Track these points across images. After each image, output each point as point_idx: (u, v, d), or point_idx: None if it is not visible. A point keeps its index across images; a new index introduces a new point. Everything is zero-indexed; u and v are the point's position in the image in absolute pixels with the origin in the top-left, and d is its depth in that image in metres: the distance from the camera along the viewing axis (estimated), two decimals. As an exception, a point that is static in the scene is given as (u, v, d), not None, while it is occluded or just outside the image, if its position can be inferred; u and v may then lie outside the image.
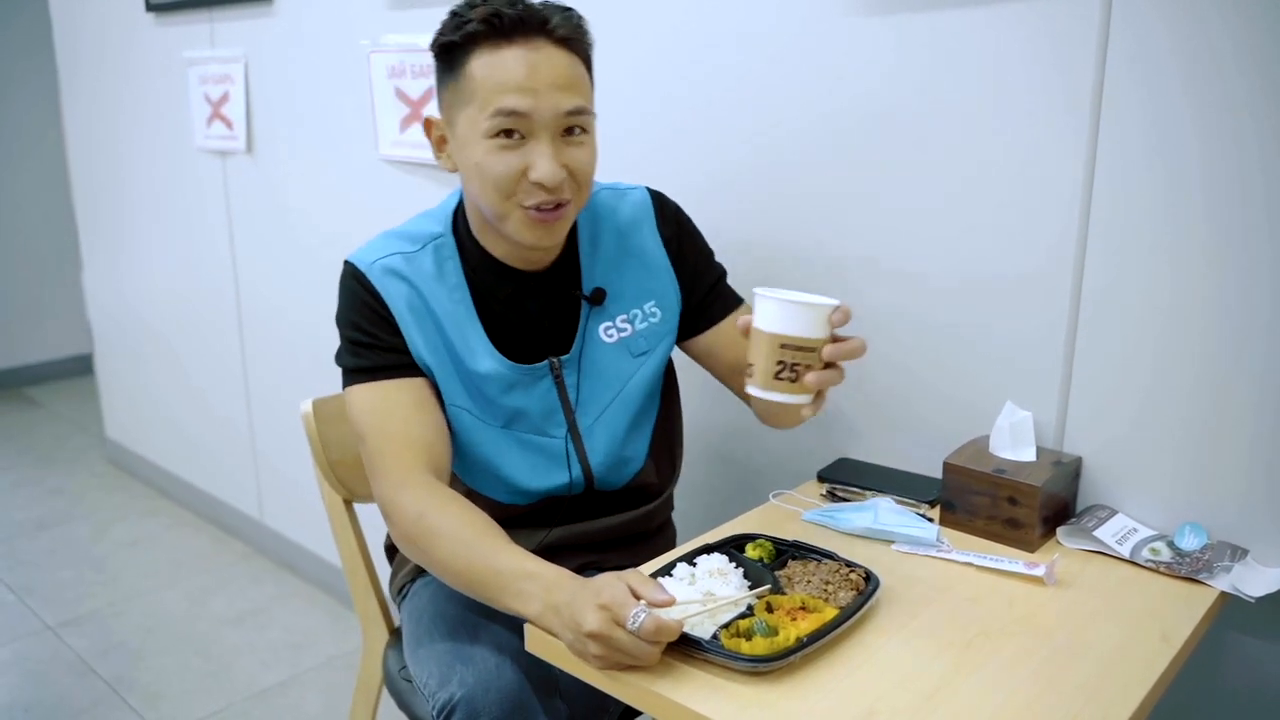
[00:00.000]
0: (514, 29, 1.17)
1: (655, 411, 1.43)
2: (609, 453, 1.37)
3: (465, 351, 1.29)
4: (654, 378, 1.39)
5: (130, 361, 3.50)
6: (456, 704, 1.16)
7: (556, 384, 1.33)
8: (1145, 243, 1.21)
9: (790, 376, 1.05)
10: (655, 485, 1.45)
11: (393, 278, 1.28)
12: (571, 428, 1.35)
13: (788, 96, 1.50)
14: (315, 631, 2.58)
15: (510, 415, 1.33)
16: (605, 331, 1.36)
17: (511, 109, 1.17)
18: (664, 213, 1.40)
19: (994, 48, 1.29)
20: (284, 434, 2.77)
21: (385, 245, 1.31)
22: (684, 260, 1.40)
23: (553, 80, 1.18)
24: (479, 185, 1.22)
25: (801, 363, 1.05)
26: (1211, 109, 1.14)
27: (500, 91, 1.17)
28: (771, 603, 1.06)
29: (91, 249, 3.59)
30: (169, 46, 2.81)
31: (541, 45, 1.18)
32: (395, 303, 1.27)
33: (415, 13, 2.04)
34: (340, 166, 2.35)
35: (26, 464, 3.78)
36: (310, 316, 2.55)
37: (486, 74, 1.17)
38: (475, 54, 1.18)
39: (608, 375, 1.36)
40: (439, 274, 1.30)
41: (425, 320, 1.28)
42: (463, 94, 1.20)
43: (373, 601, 1.58)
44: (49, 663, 2.44)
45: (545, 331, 1.33)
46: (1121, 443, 1.28)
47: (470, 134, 1.20)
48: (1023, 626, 1.06)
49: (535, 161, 1.18)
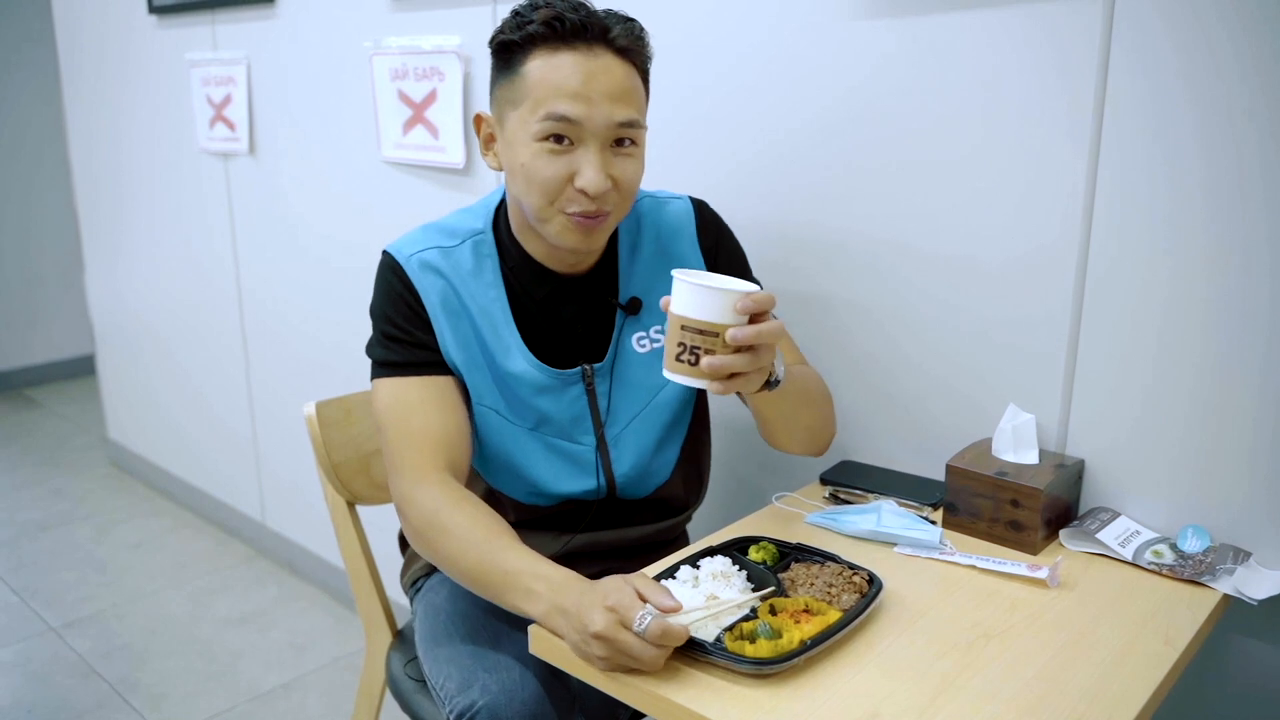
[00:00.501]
0: (575, 34, 1.16)
1: (685, 425, 1.42)
2: (634, 464, 1.36)
3: (499, 350, 1.29)
4: (685, 391, 1.38)
5: (132, 363, 3.51)
6: (478, 711, 1.15)
7: (588, 391, 1.33)
8: (1147, 246, 1.22)
9: (690, 359, 1.05)
10: (681, 500, 1.44)
11: (429, 272, 1.27)
12: (599, 436, 1.34)
13: (793, 97, 1.50)
14: (318, 633, 2.58)
15: (539, 418, 1.32)
16: (638, 341, 1.35)
17: (563, 114, 1.16)
18: (705, 224, 1.39)
19: (997, 49, 1.29)
20: (286, 436, 2.77)
21: (424, 238, 1.30)
22: (723, 273, 1.38)
23: (608, 90, 1.17)
24: (524, 186, 1.21)
25: (702, 346, 1.04)
26: (1213, 110, 1.14)
27: (554, 96, 1.16)
28: (775, 605, 1.06)
29: (93, 250, 3.60)
30: (171, 48, 2.82)
31: (601, 53, 1.17)
32: (429, 297, 1.27)
33: (417, 15, 2.04)
34: (342, 168, 2.35)
35: (29, 465, 3.78)
36: (312, 318, 2.55)
37: (541, 76, 1.17)
38: (533, 55, 1.18)
39: (639, 386, 1.35)
40: (477, 270, 1.30)
41: (459, 317, 1.28)
42: (516, 94, 1.19)
43: (376, 603, 1.58)
44: (52, 664, 2.45)
45: (579, 337, 1.33)
46: (1124, 445, 1.28)
47: (519, 134, 1.19)
48: (1025, 629, 1.06)
49: (582, 169, 1.17)
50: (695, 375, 1.05)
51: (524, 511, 1.38)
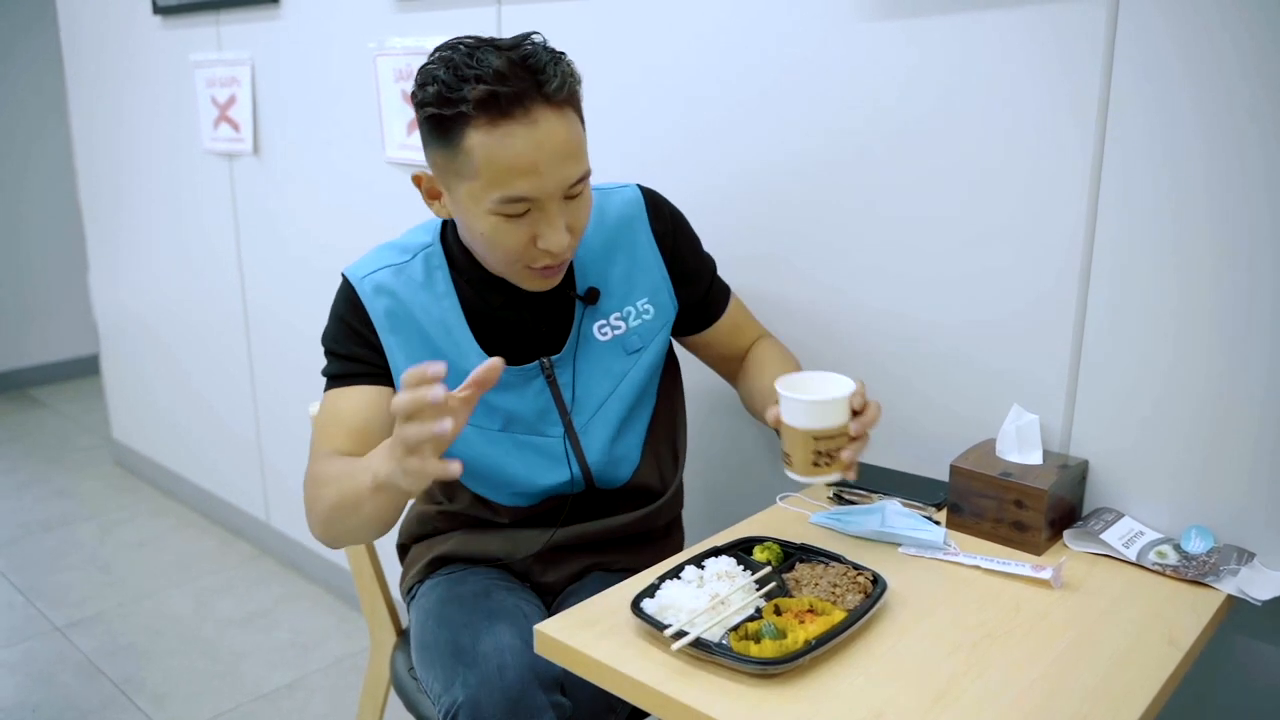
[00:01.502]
0: (511, 104, 1.12)
1: (649, 407, 1.43)
2: (605, 450, 1.38)
3: (455, 357, 1.31)
4: (649, 374, 1.40)
5: (136, 363, 3.51)
6: (460, 707, 1.17)
7: (549, 384, 1.34)
8: (1151, 246, 1.22)
9: (826, 461, 1.15)
10: (658, 483, 1.45)
11: (382, 294, 1.31)
12: (568, 426, 1.36)
13: (798, 102, 1.50)
14: (322, 633, 2.59)
15: (506, 418, 1.34)
16: (599, 330, 1.37)
17: (520, 196, 1.15)
18: (658, 210, 1.41)
19: (1000, 54, 1.29)
20: (290, 436, 2.78)
21: (378, 259, 1.34)
22: (679, 258, 1.41)
23: (555, 154, 1.15)
24: (484, 249, 1.23)
25: (834, 448, 1.15)
26: (1218, 116, 1.14)
27: (507, 177, 1.14)
28: (780, 605, 1.06)
29: (97, 250, 3.60)
30: (176, 49, 2.82)
31: (540, 115, 1.13)
32: (379, 320, 1.30)
33: (421, 15, 2.05)
34: (347, 168, 2.36)
35: (32, 465, 3.79)
36: (316, 317, 2.53)
37: (489, 156, 1.13)
38: (470, 130, 1.13)
39: (602, 373, 1.37)
40: (428, 282, 1.32)
41: (410, 333, 1.31)
42: (461, 169, 1.16)
43: (380, 603, 1.59)
44: (57, 664, 2.45)
45: (538, 333, 1.35)
46: (1128, 446, 1.28)
47: (474, 208, 1.19)
48: (1029, 630, 1.06)
49: (544, 233, 1.18)
50: (835, 471, 1.16)
51: (511, 513, 1.41)
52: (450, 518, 1.45)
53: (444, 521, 1.46)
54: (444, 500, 1.46)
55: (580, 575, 1.42)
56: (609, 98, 1.73)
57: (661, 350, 1.41)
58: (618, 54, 1.72)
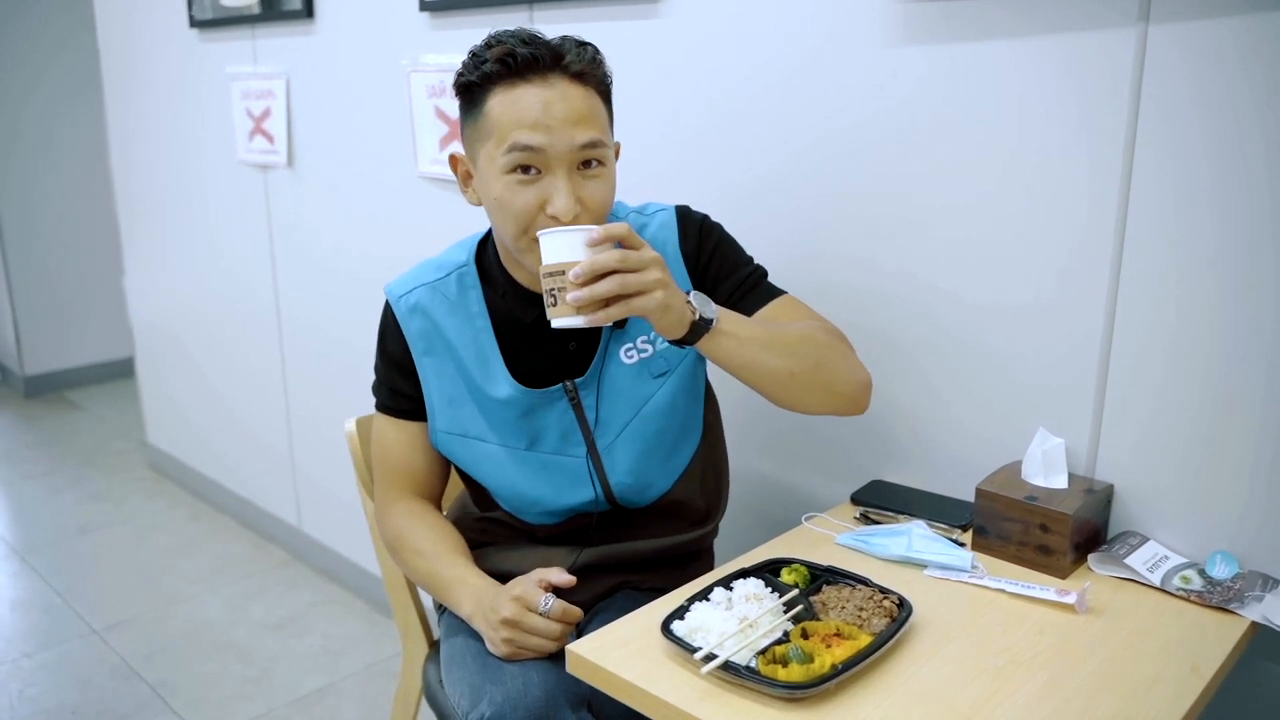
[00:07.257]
0: (528, 67, 1.20)
1: (697, 434, 1.45)
2: (629, 471, 1.39)
3: (484, 378, 1.36)
4: (675, 398, 1.40)
5: (170, 368, 3.57)
6: None
7: (573, 406, 1.37)
8: (1178, 271, 1.23)
9: (551, 301, 1.12)
10: (699, 511, 1.47)
11: (416, 314, 1.38)
12: (590, 446, 1.38)
13: (821, 123, 1.52)
14: (353, 639, 2.62)
15: (531, 438, 1.37)
16: (626, 353, 1.38)
17: (526, 144, 1.20)
18: (686, 229, 1.39)
19: (1026, 80, 1.30)
20: (323, 444, 2.82)
21: (416, 277, 1.40)
22: (706, 271, 1.38)
23: (566, 115, 1.20)
24: (499, 219, 1.26)
25: (556, 286, 1.10)
26: (1245, 140, 1.15)
27: (516, 127, 1.20)
28: (807, 629, 1.08)
29: (133, 256, 3.66)
30: (212, 62, 2.87)
31: (556, 81, 1.21)
32: (415, 342, 1.38)
33: (455, 33, 2.08)
34: (380, 182, 2.39)
35: (69, 468, 3.85)
36: (349, 329, 2.59)
37: (502, 111, 1.21)
38: (493, 92, 1.22)
39: (626, 396, 1.38)
40: (461, 302, 1.37)
41: (442, 355, 1.37)
42: (482, 131, 1.24)
43: (413, 615, 1.61)
44: (95, 666, 2.50)
45: (566, 355, 1.37)
46: (1153, 470, 1.29)
47: (489, 169, 1.24)
48: (1053, 655, 1.08)
49: (552, 196, 1.21)
50: (562, 314, 1.11)
51: (541, 531, 1.43)
52: (484, 527, 1.48)
53: (478, 530, 1.48)
54: (477, 510, 1.49)
55: (609, 594, 1.44)
56: (663, 117, 1.76)
57: (690, 373, 1.41)
58: (641, 68, 1.74)
